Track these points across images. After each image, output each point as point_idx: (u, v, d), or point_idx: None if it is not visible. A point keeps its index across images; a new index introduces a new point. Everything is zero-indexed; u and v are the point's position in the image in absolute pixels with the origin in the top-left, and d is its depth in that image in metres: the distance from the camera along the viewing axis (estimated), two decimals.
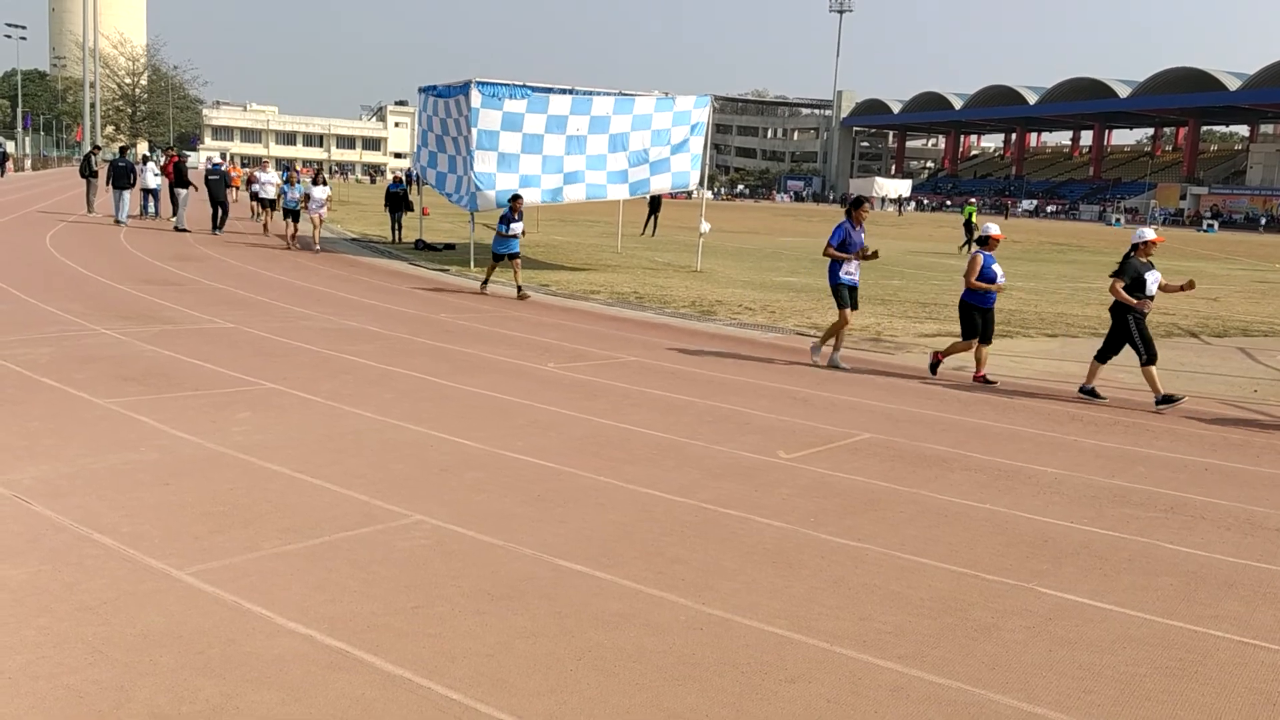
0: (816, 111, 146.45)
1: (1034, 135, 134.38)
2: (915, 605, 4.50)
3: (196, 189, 26.39)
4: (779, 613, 4.34)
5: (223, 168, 26.99)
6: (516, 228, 15.53)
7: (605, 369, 9.94)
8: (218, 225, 24.72)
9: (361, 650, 3.77)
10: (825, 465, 6.78)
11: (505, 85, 18.75)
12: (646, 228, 33.23)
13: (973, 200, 41.96)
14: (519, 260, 15.74)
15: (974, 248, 11.78)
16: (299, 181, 24.49)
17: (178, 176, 25.73)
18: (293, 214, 22.47)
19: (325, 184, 23.17)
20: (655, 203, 33.00)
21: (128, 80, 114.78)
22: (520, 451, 6.68)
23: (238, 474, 5.84)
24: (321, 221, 22.67)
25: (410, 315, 12.99)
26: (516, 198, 15.90)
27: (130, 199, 26.68)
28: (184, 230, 24.18)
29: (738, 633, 4.12)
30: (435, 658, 3.76)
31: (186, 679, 3.49)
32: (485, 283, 16.24)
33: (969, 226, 33.83)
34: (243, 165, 58.56)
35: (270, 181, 26.52)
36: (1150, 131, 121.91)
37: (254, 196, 29.96)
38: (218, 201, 24.83)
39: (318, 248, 21.81)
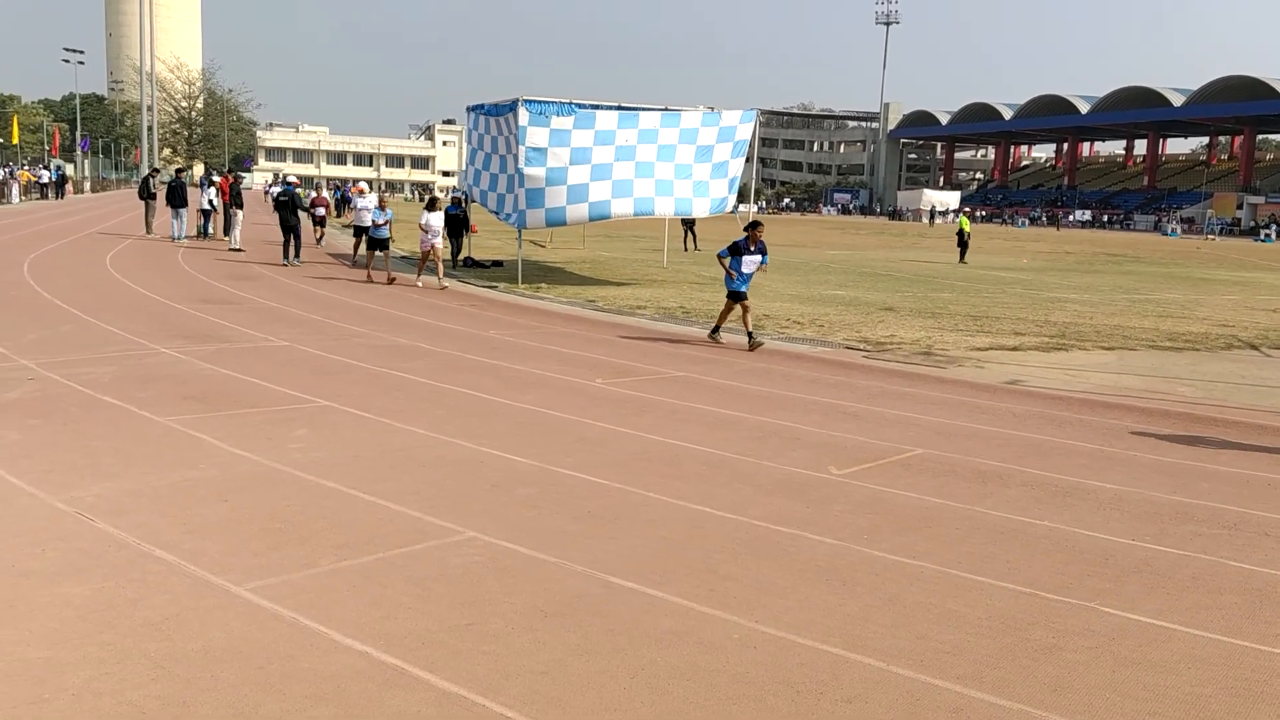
0: (863, 124, 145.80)
1: (1086, 145, 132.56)
2: (973, 624, 4.43)
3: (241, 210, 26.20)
4: (833, 631, 4.30)
5: (295, 189, 23.30)
6: (752, 262, 12.70)
7: (653, 384, 9.94)
8: (293, 254, 21.72)
9: (417, 667, 3.80)
10: (878, 481, 6.72)
11: (552, 103, 18.87)
12: (686, 244, 33.21)
13: (966, 211, 44.30)
14: (748, 304, 12.95)
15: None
16: (387, 205, 20.36)
17: (232, 197, 25.94)
18: (380, 244, 19.64)
19: (435, 208, 19.37)
20: (690, 219, 32.97)
21: (184, 104, 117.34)
22: (570, 468, 6.69)
23: (294, 491, 5.92)
24: (438, 252, 18.98)
25: (460, 332, 13.10)
26: (756, 225, 12.77)
27: (187, 219, 27.41)
28: (238, 250, 24.58)
29: (792, 651, 4.09)
30: (490, 675, 3.77)
31: (247, 695, 3.54)
32: (717, 329, 13.21)
33: (961, 237, 34.47)
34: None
35: (369, 206, 22.62)
36: (1205, 140, 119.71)
37: (316, 220, 28.25)
38: (289, 227, 21.61)
39: (445, 284, 18.91)
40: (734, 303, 12.83)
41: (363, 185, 26.98)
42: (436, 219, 18.84)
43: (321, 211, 28.58)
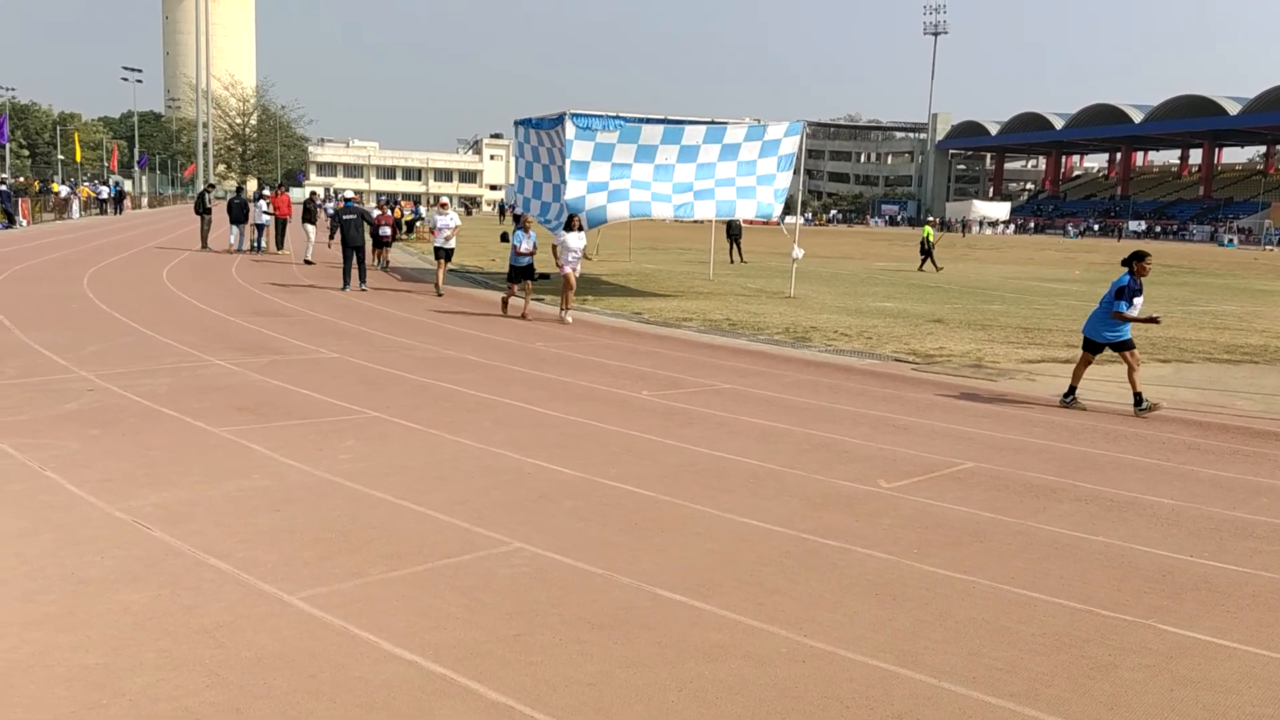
0: (911, 135, 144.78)
1: (1140, 154, 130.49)
2: (1026, 641, 4.36)
3: (318, 223, 26.72)
4: (883, 646, 4.25)
5: (355, 204, 20.66)
6: (1140, 302, 9.86)
7: (700, 396, 9.92)
8: (359, 279, 19.53)
9: (466, 678, 3.82)
10: (928, 495, 6.64)
11: (598, 117, 18.99)
12: (732, 256, 33.19)
13: (931, 220, 46.83)
14: (1136, 353, 10.00)
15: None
16: (530, 227, 16.91)
17: (305, 214, 26.75)
18: (525, 273, 16.22)
19: (581, 229, 16.81)
20: (735, 231, 32.98)
21: (238, 120, 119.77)
22: (617, 479, 6.70)
23: (344, 501, 5.98)
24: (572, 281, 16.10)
25: (507, 344, 13.18)
26: (1143, 256, 9.81)
27: (245, 233, 28.20)
28: (310, 263, 25.09)
29: (841, 666, 4.05)
30: (537, 686, 3.78)
31: (299, 702, 3.58)
32: (1073, 391, 10.15)
33: (924, 246, 34.22)
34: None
35: (449, 226, 20.15)
36: (1263, 149, 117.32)
37: (381, 240, 24.36)
38: (354, 248, 19.27)
39: (569, 319, 15.86)
40: (1098, 354, 10.16)
41: (445, 200, 22.93)
42: (576, 240, 16.11)
43: (387, 230, 24.50)
